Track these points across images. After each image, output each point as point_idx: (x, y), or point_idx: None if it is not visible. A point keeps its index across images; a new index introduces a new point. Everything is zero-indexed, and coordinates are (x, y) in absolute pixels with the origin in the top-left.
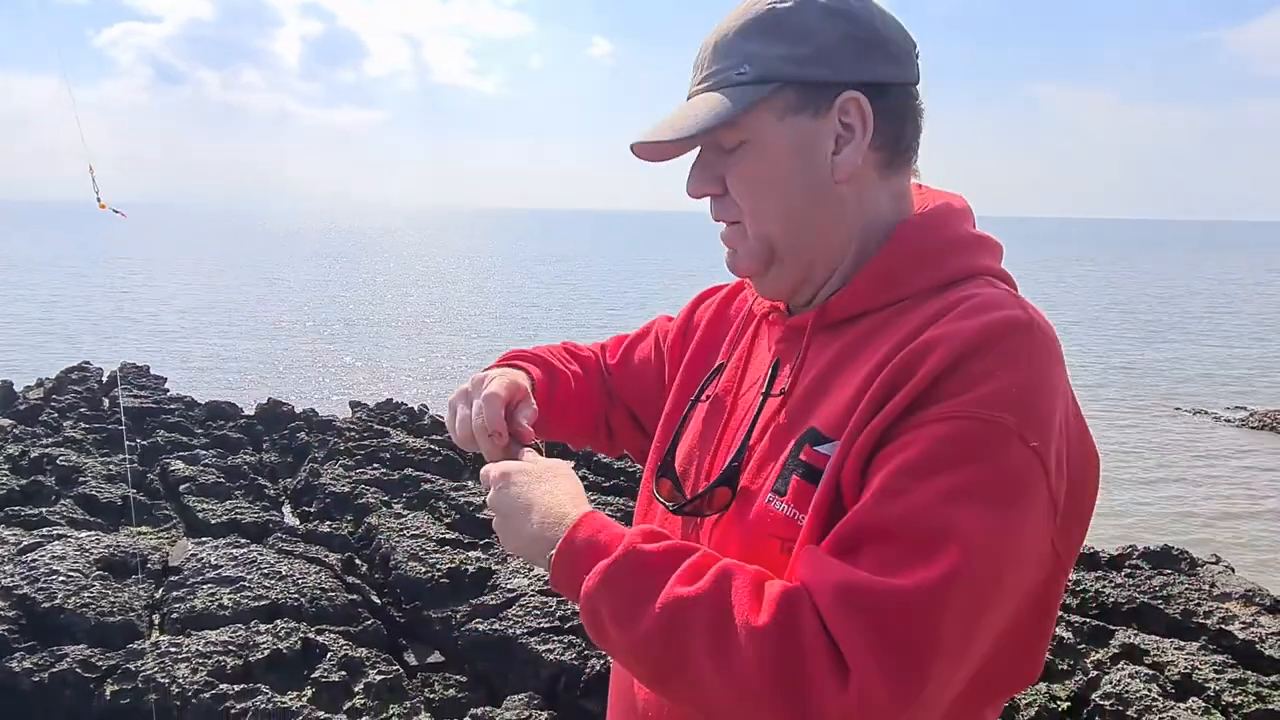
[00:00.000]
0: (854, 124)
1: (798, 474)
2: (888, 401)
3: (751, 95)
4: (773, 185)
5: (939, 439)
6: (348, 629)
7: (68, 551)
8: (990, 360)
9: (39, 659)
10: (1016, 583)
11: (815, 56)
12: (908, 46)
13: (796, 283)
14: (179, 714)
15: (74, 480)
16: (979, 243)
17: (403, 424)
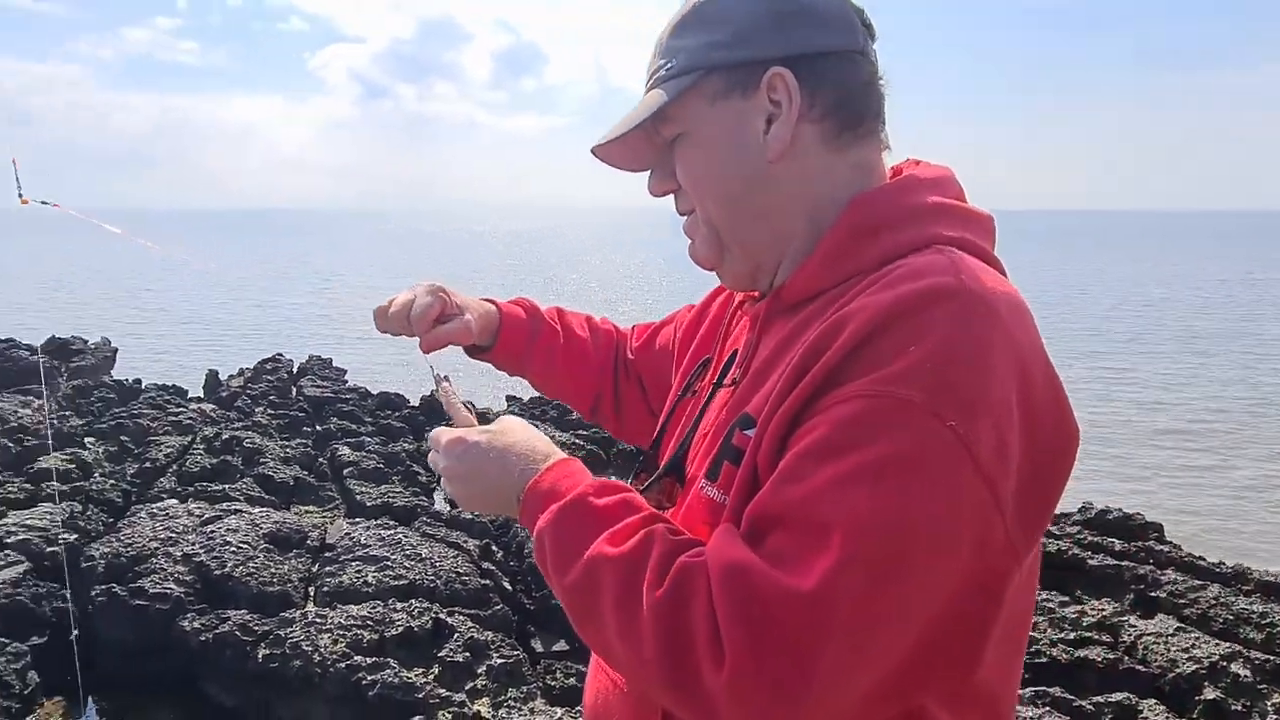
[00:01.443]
0: (781, 99)
1: (728, 459)
2: (799, 383)
3: (676, 86)
4: (710, 171)
5: (840, 420)
6: (478, 612)
7: (241, 525)
8: (903, 333)
9: (206, 620)
10: (932, 569)
11: (735, 39)
12: (843, 14)
13: (751, 269)
14: (318, 681)
15: (256, 461)
16: (938, 211)
17: (553, 418)
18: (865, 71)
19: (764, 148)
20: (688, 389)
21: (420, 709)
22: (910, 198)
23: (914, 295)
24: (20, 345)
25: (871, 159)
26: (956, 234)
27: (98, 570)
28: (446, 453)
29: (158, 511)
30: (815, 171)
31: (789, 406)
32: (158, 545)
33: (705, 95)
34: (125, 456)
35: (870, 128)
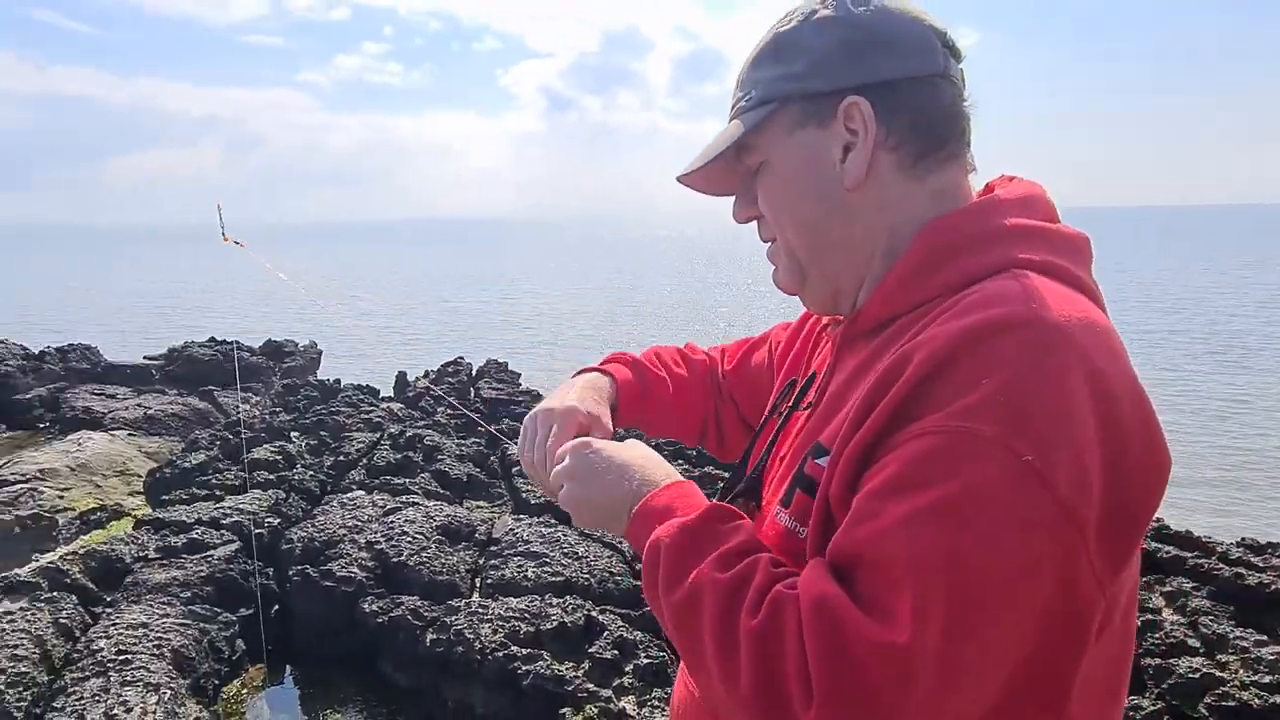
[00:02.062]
0: (858, 128)
1: (800, 487)
2: (868, 416)
3: (755, 118)
4: (789, 200)
5: (911, 458)
6: (628, 612)
7: (417, 517)
8: (972, 366)
9: (383, 604)
10: (1015, 609)
11: (809, 69)
12: (922, 38)
13: (831, 295)
14: (478, 667)
15: (434, 457)
16: (1018, 233)
17: None
18: (946, 95)
19: (841, 176)
20: (774, 410)
21: (569, 701)
22: (988, 220)
23: (981, 326)
24: (243, 347)
25: (954, 183)
26: (1038, 256)
27: (295, 552)
28: (573, 455)
29: (347, 501)
30: (893, 199)
31: (858, 442)
32: (345, 532)
33: (783, 125)
34: (323, 450)
35: (953, 151)
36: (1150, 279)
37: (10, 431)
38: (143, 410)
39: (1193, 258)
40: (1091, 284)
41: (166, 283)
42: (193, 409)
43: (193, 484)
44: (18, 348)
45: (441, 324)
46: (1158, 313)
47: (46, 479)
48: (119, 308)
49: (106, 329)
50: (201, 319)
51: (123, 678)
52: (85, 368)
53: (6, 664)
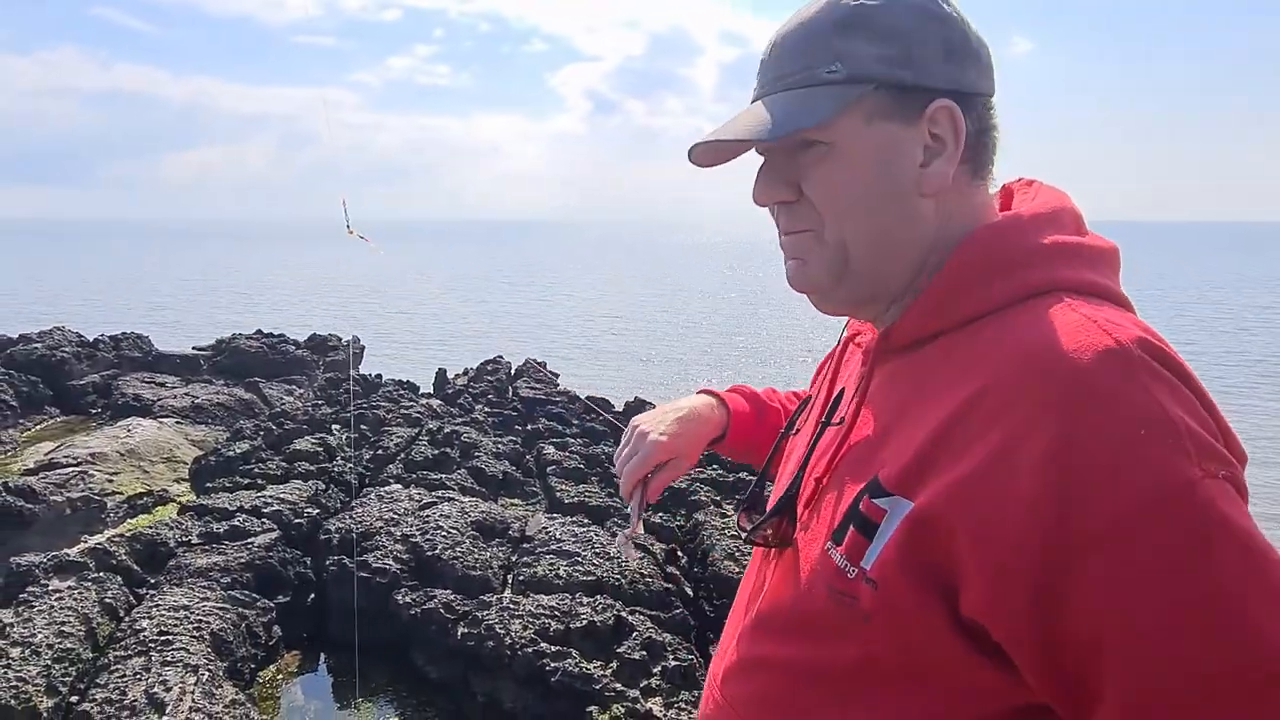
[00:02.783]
0: (944, 135)
1: (854, 525)
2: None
3: (844, 96)
4: (856, 193)
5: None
6: (658, 614)
7: (452, 512)
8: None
9: (417, 596)
10: None
11: (907, 59)
12: (989, 58)
13: (867, 296)
14: (508, 662)
15: (471, 454)
16: (1057, 252)
17: None
18: (995, 115)
19: (919, 180)
20: (789, 428)
21: (596, 700)
22: (1025, 238)
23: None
24: (288, 340)
25: (988, 200)
26: (1079, 275)
27: (332, 543)
28: None
29: (384, 495)
30: (953, 209)
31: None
32: (382, 525)
33: (864, 111)
34: (363, 443)
35: (988, 172)
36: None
37: (64, 416)
38: (190, 399)
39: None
40: (1126, 297)
41: (216, 277)
42: (238, 399)
43: (236, 472)
44: (73, 335)
45: (481, 322)
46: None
47: (97, 463)
48: (170, 299)
49: (158, 319)
50: (248, 312)
51: (163, 658)
52: (137, 356)
53: (54, 639)
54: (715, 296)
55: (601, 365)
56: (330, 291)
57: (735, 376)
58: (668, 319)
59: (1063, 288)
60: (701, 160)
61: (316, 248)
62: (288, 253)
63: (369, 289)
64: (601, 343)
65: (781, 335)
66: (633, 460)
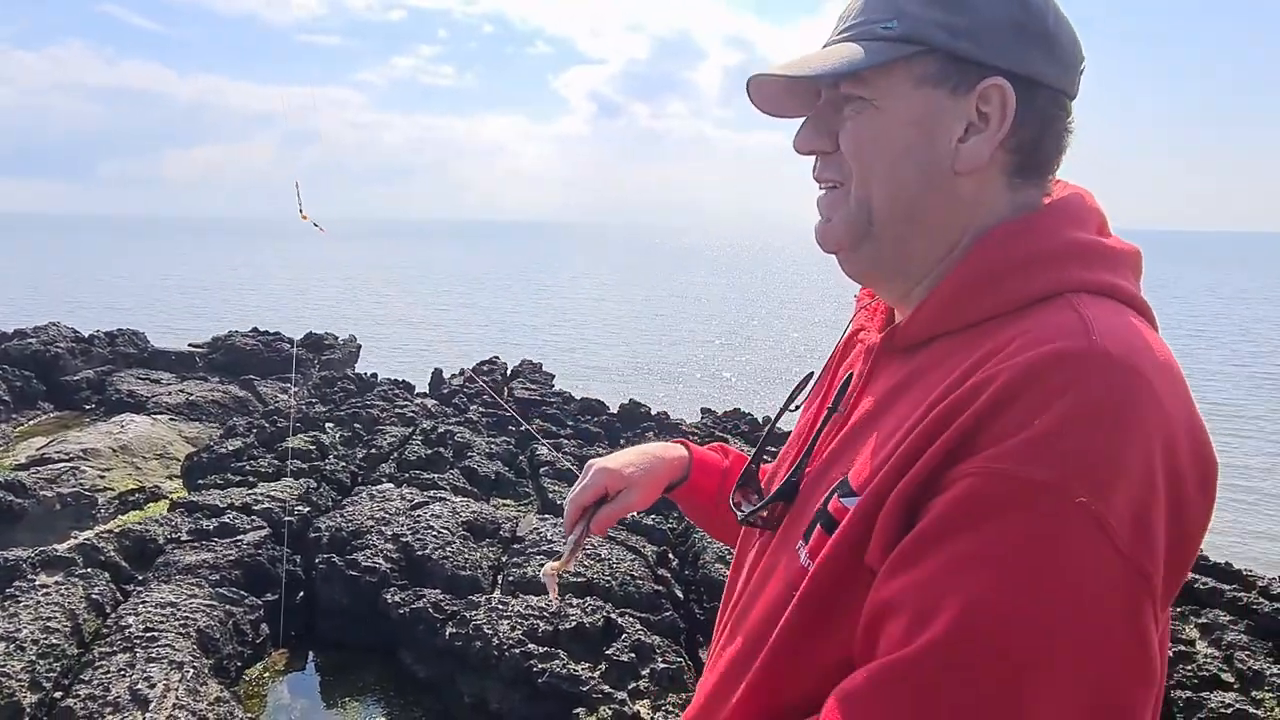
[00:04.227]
0: (991, 114)
1: (821, 523)
2: (914, 463)
3: (892, 52)
4: (889, 152)
5: (957, 501)
6: (648, 616)
7: (444, 512)
8: (1025, 406)
9: (406, 595)
10: (1069, 672)
11: (970, 30)
12: (1075, 55)
13: (887, 267)
14: (495, 662)
15: (464, 454)
16: (1073, 252)
17: (743, 433)
18: (1066, 118)
19: (954, 155)
20: (789, 403)
21: (584, 701)
22: (1043, 237)
23: (1039, 362)
24: (284, 339)
25: (1034, 203)
26: (1095, 277)
27: (322, 541)
28: None
29: (376, 493)
30: (986, 197)
31: (905, 489)
32: (373, 524)
33: (913, 73)
34: (356, 442)
35: (1046, 172)
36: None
37: (57, 411)
38: (185, 396)
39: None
40: (1145, 302)
41: (214, 273)
42: (232, 396)
43: (228, 469)
44: (69, 330)
45: (479, 322)
46: None
47: (89, 459)
48: (167, 295)
49: (154, 315)
50: (245, 309)
51: (148, 654)
52: (132, 352)
53: (39, 635)
54: (716, 300)
55: (599, 367)
56: (327, 289)
57: (733, 380)
58: (666, 321)
59: (1074, 289)
60: (764, 108)
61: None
62: (287, 250)
63: (366, 287)
64: (599, 345)
65: (782, 340)
66: (579, 488)
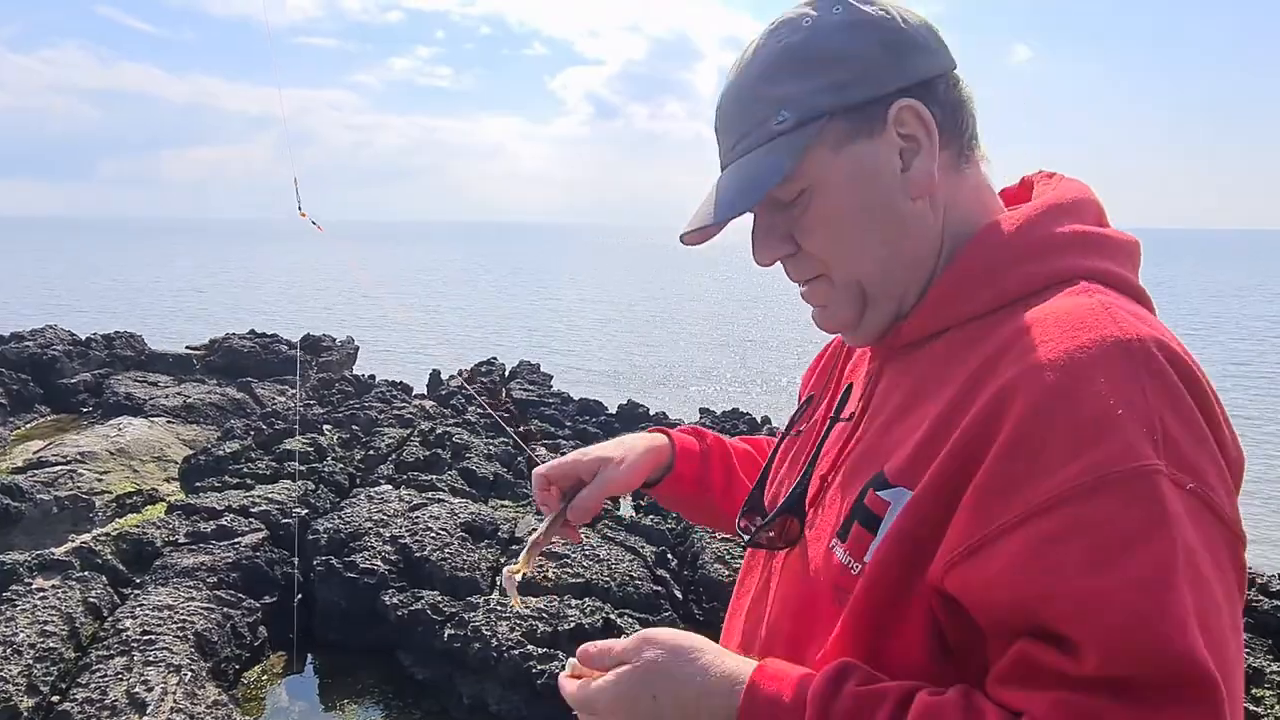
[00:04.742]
0: (915, 133)
1: (859, 520)
2: (972, 471)
3: (800, 141)
4: (849, 225)
5: (1072, 495)
6: (647, 616)
7: (442, 513)
8: (1084, 407)
9: (404, 597)
10: (1236, 631)
11: (852, 78)
12: (934, 34)
13: (891, 317)
14: (494, 664)
15: (463, 455)
16: (1075, 241)
17: (742, 433)
18: (963, 88)
19: (905, 186)
20: (789, 429)
21: None
22: (1042, 228)
23: (1087, 358)
24: (281, 340)
25: (983, 178)
26: (1099, 266)
27: (320, 543)
28: (597, 697)
29: (374, 495)
30: (946, 200)
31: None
32: (371, 525)
33: (829, 143)
34: (354, 444)
35: (973, 146)
36: None
37: (54, 414)
38: (182, 398)
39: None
40: (1144, 291)
41: (211, 275)
42: (230, 399)
43: (225, 472)
44: (65, 333)
45: (477, 324)
46: None
47: (86, 462)
48: (163, 298)
49: (150, 318)
50: (241, 310)
51: (145, 658)
52: (129, 355)
53: (36, 639)
54: (714, 301)
55: (596, 369)
56: (323, 291)
57: (730, 379)
58: (665, 323)
59: (1083, 276)
60: (694, 243)
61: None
62: (285, 252)
63: (363, 289)
64: (597, 345)
65: (777, 340)
66: (547, 464)
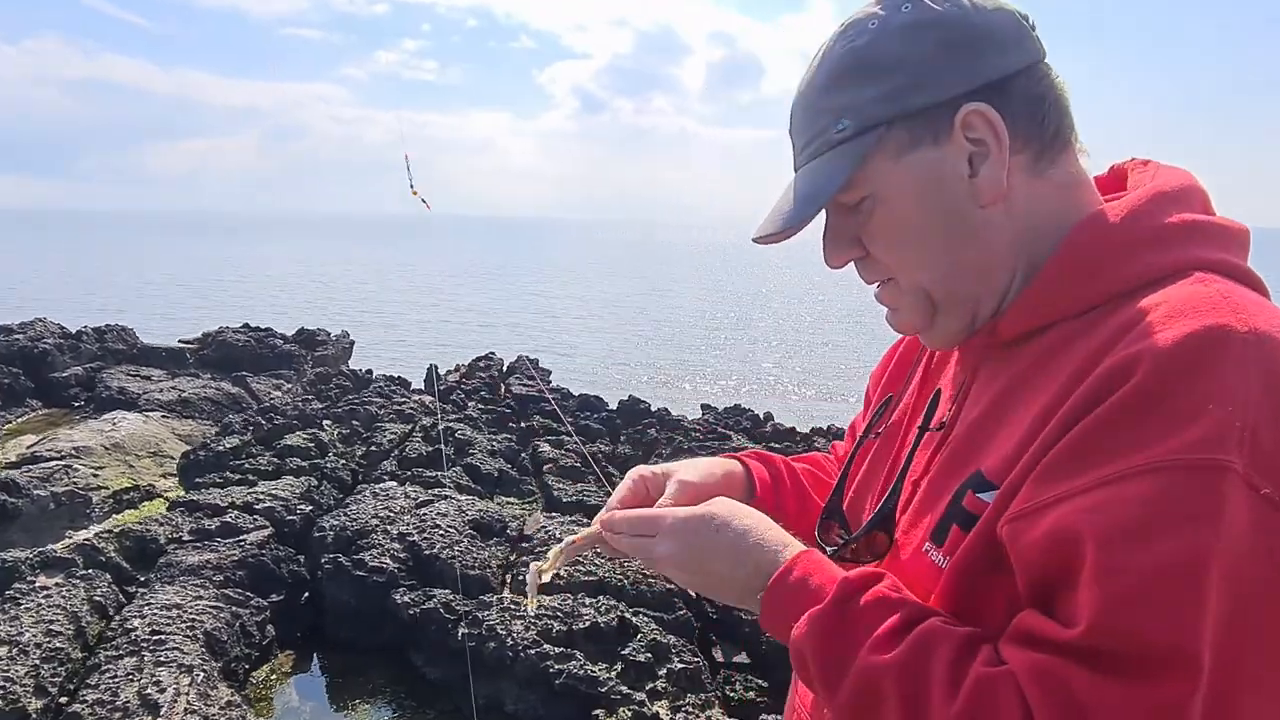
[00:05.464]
0: (984, 138)
1: (957, 522)
2: (1057, 441)
3: (859, 150)
4: (915, 234)
5: (1145, 498)
6: (661, 615)
7: (449, 510)
8: (1196, 389)
9: (416, 595)
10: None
11: (913, 83)
12: (1016, 25)
13: (967, 323)
14: (510, 663)
15: (466, 451)
16: (1189, 230)
17: (745, 429)
18: (1050, 81)
19: (974, 193)
20: (868, 431)
21: (602, 703)
22: (1153, 217)
23: (1196, 343)
24: (276, 334)
25: (1075, 172)
26: (1214, 256)
27: (327, 541)
28: (667, 537)
29: (379, 492)
30: (1024, 204)
31: (1045, 471)
32: (378, 523)
33: (889, 152)
34: (355, 439)
35: (1066, 139)
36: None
37: (46, 409)
38: (176, 393)
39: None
40: (1259, 278)
41: (199, 268)
42: (225, 393)
43: (226, 467)
44: (55, 327)
45: (469, 319)
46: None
47: (81, 457)
48: (156, 291)
49: (144, 311)
50: (236, 304)
51: (156, 658)
52: (121, 348)
53: (42, 638)
54: (706, 296)
55: (593, 363)
56: (318, 285)
57: (725, 374)
58: (658, 318)
59: (1198, 267)
60: (765, 242)
61: (302, 240)
62: (275, 245)
63: (357, 283)
64: (592, 340)
65: (774, 334)
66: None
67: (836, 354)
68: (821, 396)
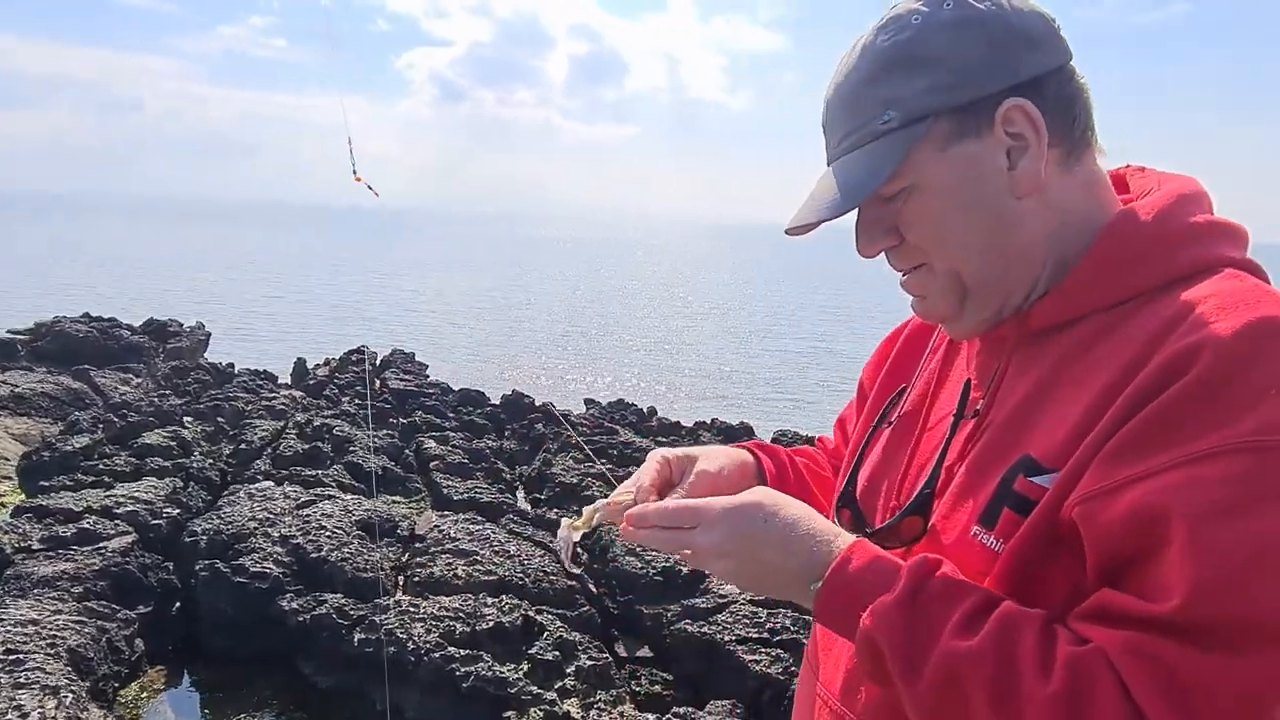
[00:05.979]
0: (1023, 132)
1: (1009, 505)
2: (1121, 429)
3: (904, 140)
4: (954, 222)
5: (1229, 478)
6: (565, 612)
7: (334, 511)
8: (1265, 374)
9: (304, 602)
10: None
11: (959, 79)
12: (1047, 27)
13: (995, 313)
14: (412, 669)
15: (345, 449)
16: (1216, 230)
17: (631, 423)
18: (1079, 81)
19: (1011, 185)
20: (882, 419)
21: (512, 704)
22: (1178, 219)
23: (1253, 333)
24: (121, 325)
25: (1096, 170)
26: (1238, 254)
27: (200, 546)
28: (712, 527)
29: (256, 493)
30: (1055, 198)
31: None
32: (256, 525)
33: (934, 143)
34: (221, 437)
35: (1087, 140)
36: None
37: None
38: (9, 388)
39: None
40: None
41: (27, 252)
42: (65, 388)
43: (76, 469)
44: None
45: (325, 310)
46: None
47: None
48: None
49: None
50: (72, 293)
51: (15, 679)
52: None
53: None
54: (572, 293)
55: (465, 357)
56: (161, 272)
57: (600, 370)
58: (521, 312)
59: (1226, 264)
60: (797, 233)
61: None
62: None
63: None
64: (458, 335)
65: (636, 330)
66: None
67: (701, 352)
68: (696, 396)
